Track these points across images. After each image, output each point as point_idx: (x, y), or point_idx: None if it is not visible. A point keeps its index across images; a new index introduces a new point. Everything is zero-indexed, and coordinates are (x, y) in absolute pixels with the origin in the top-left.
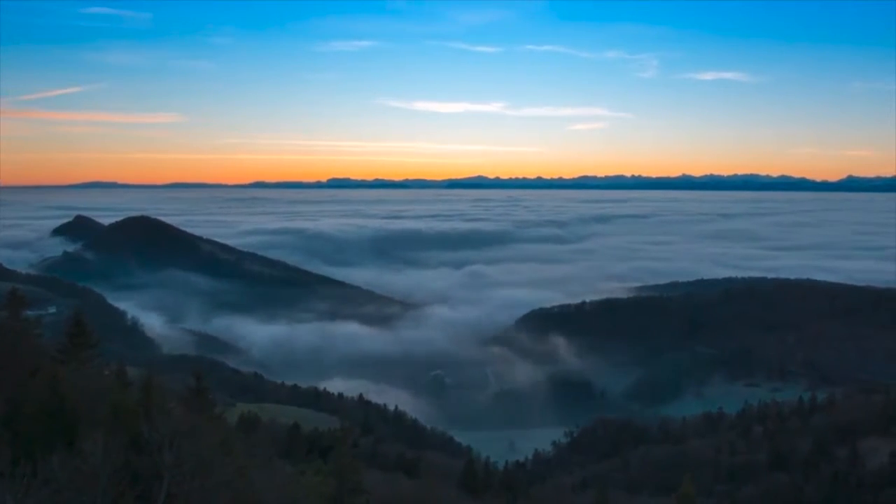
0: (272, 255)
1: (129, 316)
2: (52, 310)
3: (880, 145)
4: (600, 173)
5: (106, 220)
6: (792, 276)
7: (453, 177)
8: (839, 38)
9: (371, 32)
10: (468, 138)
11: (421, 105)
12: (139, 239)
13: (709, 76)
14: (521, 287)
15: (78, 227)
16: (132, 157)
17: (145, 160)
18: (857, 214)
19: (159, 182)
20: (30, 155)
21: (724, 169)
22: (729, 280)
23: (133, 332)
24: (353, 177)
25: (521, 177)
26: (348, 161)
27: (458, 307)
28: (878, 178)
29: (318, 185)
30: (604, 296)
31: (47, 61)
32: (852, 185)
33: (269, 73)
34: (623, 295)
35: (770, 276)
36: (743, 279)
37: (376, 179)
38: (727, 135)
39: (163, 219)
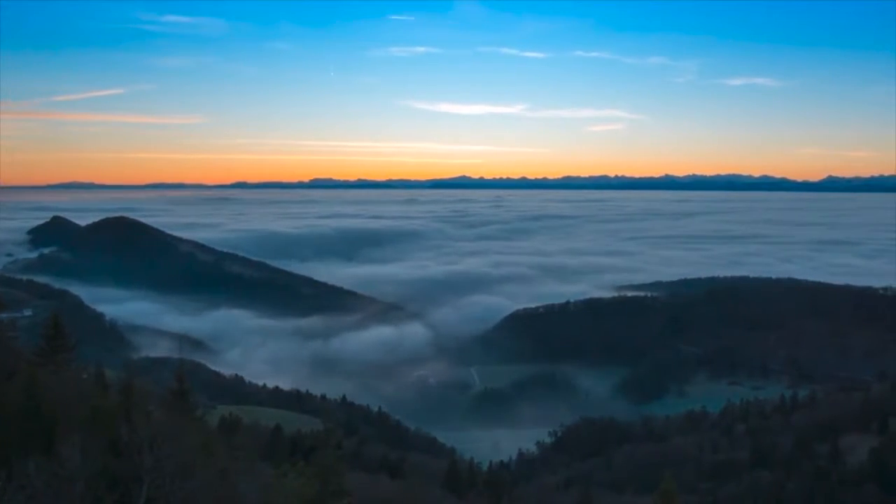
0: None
1: (108, 318)
2: (28, 312)
3: (859, 146)
4: (584, 174)
5: (82, 221)
6: (773, 276)
7: (438, 177)
8: (824, 41)
9: (429, 39)
10: (476, 140)
11: (444, 107)
12: (117, 240)
13: (738, 81)
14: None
15: (54, 228)
16: (111, 158)
17: (126, 160)
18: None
19: (137, 182)
20: (24, 155)
21: (707, 169)
22: (712, 279)
23: (111, 334)
24: (336, 177)
25: (504, 177)
26: (346, 161)
27: (441, 306)
28: (857, 179)
29: (301, 186)
30: (588, 296)
31: (104, 64)
32: (832, 185)
33: (309, 77)
34: (607, 295)
35: (752, 275)
36: (725, 278)
37: (359, 180)
38: (724, 136)
39: (140, 219)
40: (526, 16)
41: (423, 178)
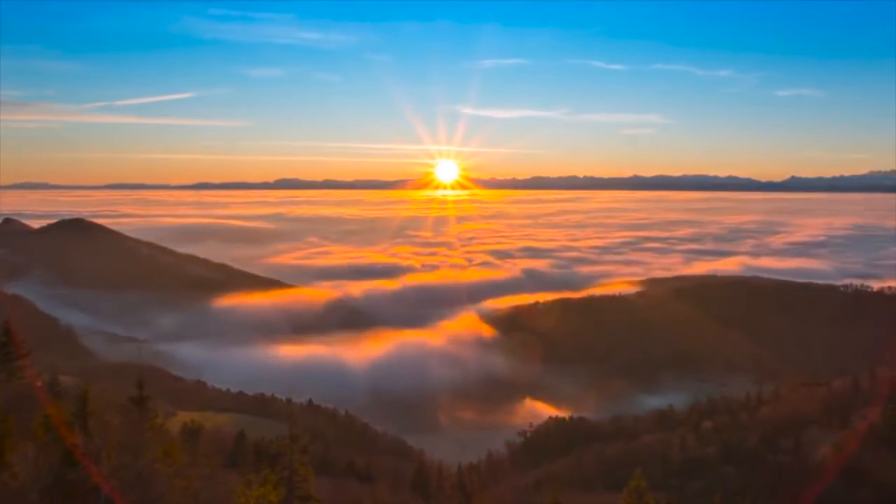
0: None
1: (63, 323)
2: None
3: (823, 147)
4: (553, 174)
5: (36, 223)
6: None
7: (405, 178)
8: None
9: (528, 51)
10: (484, 142)
11: (487, 112)
12: (73, 242)
13: (786, 93)
14: None
15: (6, 231)
16: (84, 157)
17: (100, 160)
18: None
19: (97, 182)
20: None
21: (674, 170)
22: (679, 278)
23: (67, 340)
24: (302, 177)
25: (475, 178)
26: (318, 161)
27: (408, 306)
28: (820, 178)
29: (265, 186)
30: (557, 295)
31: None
32: (795, 185)
33: (392, 88)
34: (575, 294)
35: (719, 273)
36: (693, 277)
37: (326, 180)
38: (724, 137)
39: (94, 220)
40: (636, 38)
41: (391, 178)
